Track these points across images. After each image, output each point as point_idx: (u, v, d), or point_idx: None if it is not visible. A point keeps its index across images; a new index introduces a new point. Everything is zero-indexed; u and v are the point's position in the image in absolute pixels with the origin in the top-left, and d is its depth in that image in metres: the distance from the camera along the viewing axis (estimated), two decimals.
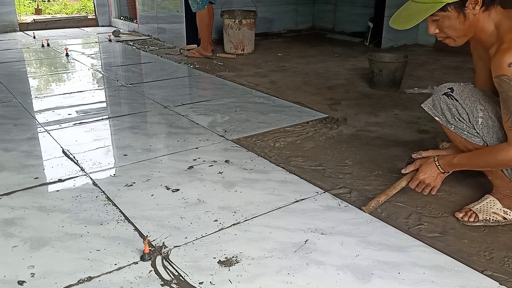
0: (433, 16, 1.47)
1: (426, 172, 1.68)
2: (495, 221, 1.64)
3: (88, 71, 4.02)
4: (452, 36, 1.52)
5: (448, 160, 1.66)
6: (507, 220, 1.65)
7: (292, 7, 6.17)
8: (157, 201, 1.80)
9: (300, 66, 4.18)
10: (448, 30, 1.50)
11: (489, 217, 1.64)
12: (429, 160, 1.70)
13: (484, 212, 1.65)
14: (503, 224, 1.65)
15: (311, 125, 2.66)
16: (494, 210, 1.66)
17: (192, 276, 1.37)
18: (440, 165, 1.67)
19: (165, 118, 2.77)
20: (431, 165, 1.68)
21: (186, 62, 4.35)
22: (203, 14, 4.40)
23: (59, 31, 6.36)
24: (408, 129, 2.60)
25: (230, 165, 2.13)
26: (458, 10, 1.44)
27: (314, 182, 1.96)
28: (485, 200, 1.69)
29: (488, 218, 1.64)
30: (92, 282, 1.35)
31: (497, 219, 1.64)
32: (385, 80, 3.33)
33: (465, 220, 1.65)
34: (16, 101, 3.07)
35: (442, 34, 1.53)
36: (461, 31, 1.49)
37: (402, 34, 4.97)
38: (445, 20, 1.47)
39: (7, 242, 1.53)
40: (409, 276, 1.37)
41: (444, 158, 1.67)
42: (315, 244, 1.53)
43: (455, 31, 1.50)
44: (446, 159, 1.66)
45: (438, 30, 1.52)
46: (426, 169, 1.68)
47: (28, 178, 1.99)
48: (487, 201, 1.69)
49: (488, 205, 1.67)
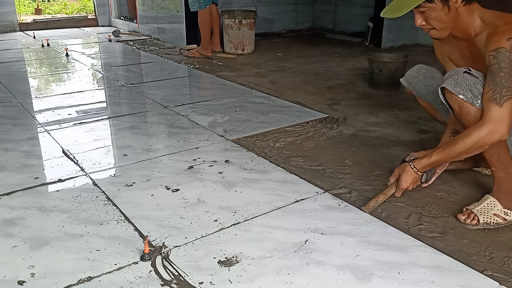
0: (420, 8, 1.60)
1: (407, 181, 1.75)
2: (496, 223, 1.64)
3: (88, 71, 4.02)
4: (437, 27, 1.64)
5: (424, 162, 1.70)
6: (507, 222, 1.65)
7: (292, 7, 6.17)
8: (157, 201, 1.80)
9: (300, 66, 4.18)
10: (434, 22, 1.63)
11: (490, 220, 1.64)
12: (405, 168, 1.74)
13: (485, 215, 1.65)
14: (503, 225, 1.65)
15: (311, 125, 2.66)
16: (495, 212, 1.66)
17: (192, 276, 1.37)
18: (417, 168, 1.72)
19: (165, 118, 2.77)
20: (408, 172, 1.74)
21: (186, 62, 4.35)
22: (204, 13, 4.42)
23: (59, 31, 6.37)
24: (408, 129, 2.60)
25: (230, 165, 2.13)
26: (443, 2, 1.58)
27: (314, 182, 1.96)
28: (485, 200, 1.69)
29: (489, 221, 1.64)
30: (92, 282, 1.35)
31: (498, 222, 1.65)
32: (385, 80, 3.33)
33: (467, 223, 1.65)
34: (16, 101, 3.07)
35: (427, 26, 1.65)
36: (446, 22, 1.62)
37: (402, 34, 4.98)
38: (431, 11, 1.60)
39: (7, 242, 1.53)
40: (409, 276, 1.37)
41: (419, 161, 1.71)
42: (315, 244, 1.53)
43: (440, 23, 1.63)
44: (422, 161, 1.71)
45: (424, 22, 1.64)
46: (406, 178, 1.74)
47: (28, 178, 1.99)
48: (487, 202, 1.68)
49: (488, 206, 1.67)
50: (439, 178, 1.95)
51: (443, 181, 1.95)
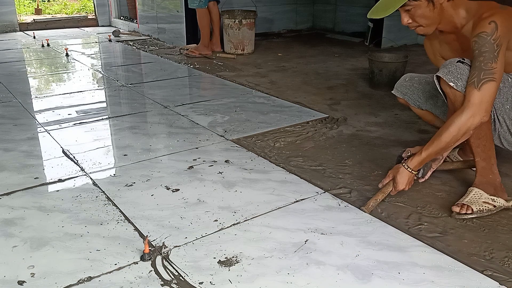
0: (406, 6, 1.64)
1: (402, 182, 1.74)
2: (488, 210, 1.69)
3: (88, 71, 4.02)
4: (423, 24, 1.69)
5: (416, 160, 1.71)
6: (496, 208, 1.71)
7: (292, 7, 6.17)
8: (157, 201, 1.80)
9: (300, 66, 4.18)
10: (420, 19, 1.67)
11: (482, 207, 1.69)
12: (399, 169, 1.74)
13: (476, 203, 1.70)
14: (494, 212, 1.70)
15: (311, 125, 2.66)
16: (484, 200, 1.71)
17: (192, 276, 1.37)
18: (411, 168, 1.72)
19: (165, 118, 2.77)
20: (403, 173, 1.73)
21: (186, 62, 4.35)
22: (202, 11, 4.46)
23: (59, 31, 6.37)
24: (408, 129, 2.60)
25: (230, 165, 2.13)
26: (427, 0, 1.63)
27: (314, 182, 1.96)
28: (471, 192, 1.74)
29: (481, 208, 1.69)
30: (92, 282, 1.35)
31: (489, 208, 1.70)
32: (385, 80, 3.33)
33: (462, 213, 1.67)
34: (16, 101, 3.07)
35: (414, 23, 1.69)
36: (431, 18, 1.67)
37: (402, 34, 4.98)
38: (417, 9, 1.64)
39: (7, 242, 1.53)
40: (409, 276, 1.37)
41: (411, 160, 1.72)
42: (315, 244, 1.53)
43: (426, 19, 1.67)
44: (414, 160, 1.71)
45: (411, 20, 1.68)
46: (401, 180, 1.74)
47: (28, 178, 1.99)
48: (473, 193, 1.73)
49: (476, 196, 1.72)
50: (439, 178, 1.95)
51: (443, 181, 1.95)
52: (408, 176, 1.73)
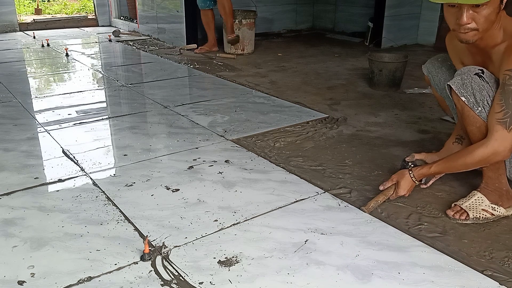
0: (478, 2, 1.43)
1: (405, 188, 1.75)
2: (485, 218, 1.67)
3: (88, 71, 4.02)
4: (482, 28, 1.48)
5: (423, 172, 1.73)
6: (495, 216, 1.68)
7: (292, 7, 6.17)
8: (157, 201, 1.80)
9: (300, 66, 4.18)
10: (483, 21, 1.47)
11: (479, 215, 1.67)
12: (405, 175, 1.75)
13: (474, 210, 1.67)
14: (491, 220, 1.67)
15: (311, 125, 2.66)
16: (483, 207, 1.68)
17: (192, 276, 1.37)
18: (415, 177, 1.74)
19: (165, 118, 2.77)
20: (407, 180, 1.75)
21: (186, 62, 4.35)
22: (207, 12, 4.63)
23: (59, 31, 6.36)
24: (408, 129, 2.60)
25: (230, 165, 2.13)
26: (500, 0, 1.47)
27: (314, 182, 1.96)
28: (473, 197, 1.71)
29: (478, 216, 1.66)
30: (92, 282, 1.35)
31: (487, 216, 1.67)
32: (385, 80, 3.33)
33: (456, 218, 1.67)
34: (16, 101, 3.07)
35: (472, 25, 1.48)
36: (491, 23, 1.49)
37: (402, 34, 4.98)
38: (487, 8, 1.45)
39: (7, 242, 1.53)
40: (409, 276, 1.37)
41: (419, 171, 1.73)
42: (315, 244, 1.53)
43: (487, 23, 1.48)
44: (422, 171, 1.73)
45: (471, 20, 1.47)
46: (404, 186, 1.75)
47: (28, 178, 1.99)
48: (475, 198, 1.71)
49: (477, 202, 1.69)
50: (439, 178, 1.95)
51: (443, 181, 1.95)
52: (412, 184, 1.75)
